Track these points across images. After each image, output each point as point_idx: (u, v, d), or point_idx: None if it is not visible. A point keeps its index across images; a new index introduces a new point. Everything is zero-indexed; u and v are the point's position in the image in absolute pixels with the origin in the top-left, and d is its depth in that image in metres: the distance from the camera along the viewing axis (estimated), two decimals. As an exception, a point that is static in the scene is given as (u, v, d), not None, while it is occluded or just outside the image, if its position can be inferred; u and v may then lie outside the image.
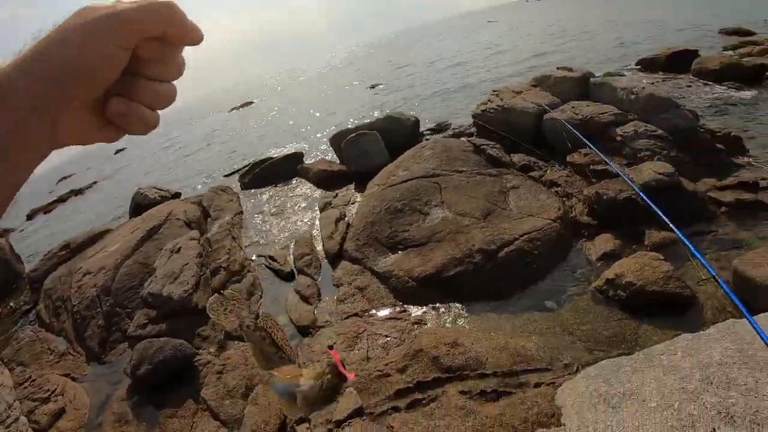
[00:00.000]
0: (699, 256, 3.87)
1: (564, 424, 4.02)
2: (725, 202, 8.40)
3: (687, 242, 3.91)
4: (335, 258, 9.66)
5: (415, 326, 7.35)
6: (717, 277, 3.52)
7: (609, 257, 7.88)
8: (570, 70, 13.90)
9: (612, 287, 7.05)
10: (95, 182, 23.68)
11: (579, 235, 8.79)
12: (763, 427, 3.18)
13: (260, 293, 9.33)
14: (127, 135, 0.80)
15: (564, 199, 9.70)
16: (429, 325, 7.41)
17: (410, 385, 6.04)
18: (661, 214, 4.44)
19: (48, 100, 0.67)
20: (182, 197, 15.59)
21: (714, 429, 3.27)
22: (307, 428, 6.06)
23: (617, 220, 8.54)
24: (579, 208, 9.28)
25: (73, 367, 8.77)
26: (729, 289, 3.28)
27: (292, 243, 10.73)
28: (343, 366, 1.38)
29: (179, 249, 10.49)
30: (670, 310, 6.58)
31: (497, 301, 7.63)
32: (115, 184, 22.24)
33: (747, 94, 13.16)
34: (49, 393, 7.97)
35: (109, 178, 23.71)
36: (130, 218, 14.98)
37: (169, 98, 0.78)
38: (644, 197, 4.46)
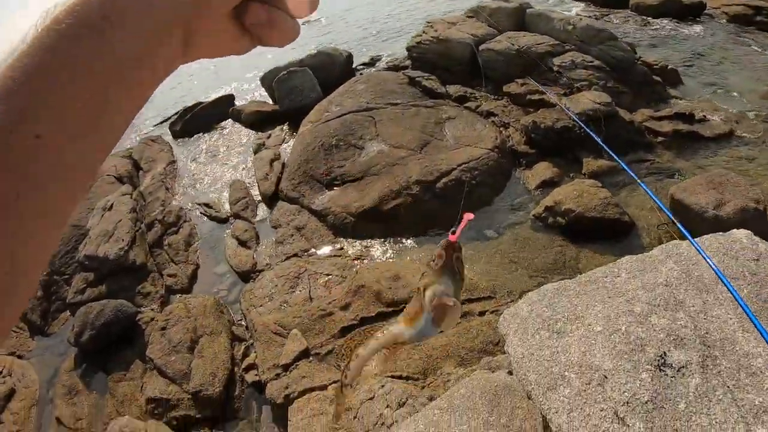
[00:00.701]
0: (644, 186, 3.83)
1: (508, 352, 3.96)
2: (662, 132, 8.58)
3: (630, 170, 3.83)
4: (271, 199, 9.49)
5: (356, 262, 7.32)
6: (661, 205, 3.50)
7: (547, 185, 7.98)
8: (506, 0, 13.54)
9: (551, 214, 7.14)
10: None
11: (517, 164, 8.85)
12: (713, 349, 3.16)
13: (198, 242, 9.10)
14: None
15: (501, 128, 9.66)
16: (370, 260, 7.36)
17: (354, 321, 6.07)
18: (606, 147, 4.39)
19: (191, 12, 0.57)
20: (111, 153, 14.87)
21: (665, 353, 3.22)
22: (256, 374, 6.04)
23: (555, 148, 8.63)
24: (516, 137, 9.28)
25: (17, 345, 8.45)
26: (672, 215, 3.26)
27: (228, 188, 10.44)
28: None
29: (111, 206, 10.09)
30: (610, 236, 6.71)
31: (437, 233, 7.66)
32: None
33: (685, 29, 13.22)
34: (-5, 375, 7.72)
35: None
36: (59, 180, 14.25)
37: (313, 4, 0.69)
38: (591, 133, 4.36)
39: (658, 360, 3.20)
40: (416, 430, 3.65)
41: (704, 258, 3.15)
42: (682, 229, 3.47)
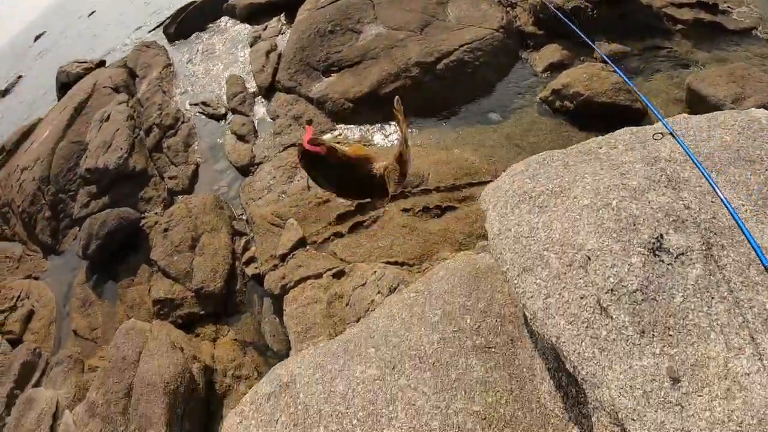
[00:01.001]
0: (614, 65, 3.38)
1: (486, 230, 3.46)
2: (682, 20, 7.89)
3: (601, 53, 3.38)
4: (268, 91, 9.22)
5: (356, 149, 7.07)
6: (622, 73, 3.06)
7: (556, 68, 7.50)
8: None
9: (558, 98, 6.78)
10: (20, 77, 22.13)
11: (524, 45, 8.31)
12: (720, 237, 2.67)
13: (197, 142, 8.97)
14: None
15: (508, 8, 9.01)
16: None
17: (351, 208, 5.95)
18: (584, 36, 3.94)
19: None
20: (107, 65, 14.53)
21: (661, 235, 2.73)
22: (255, 267, 6.03)
23: (565, 30, 7.98)
24: (524, 17, 8.69)
25: (32, 267, 8.68)
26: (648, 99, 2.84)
27: (224, 84, 10.16)
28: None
29: (108, 117, 9.94)
30: (619, 123, 6.25)
31: (438, 116, 7.38)
32: (41, 72, 20.79)
33: None
34: (14, 300, 7.97)
35: (33, 68, 22.25)
36: (58, 101, 14.09)
37: None
38: (567, 21, 3.90)
39: (653, 243, 2.71)
40: (389, 314, 3.45)
41: (678, 142, 2.70)
42: (647, 101, 3.01)
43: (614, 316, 2.50)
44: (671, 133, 2.95)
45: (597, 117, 6.39)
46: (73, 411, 5.84)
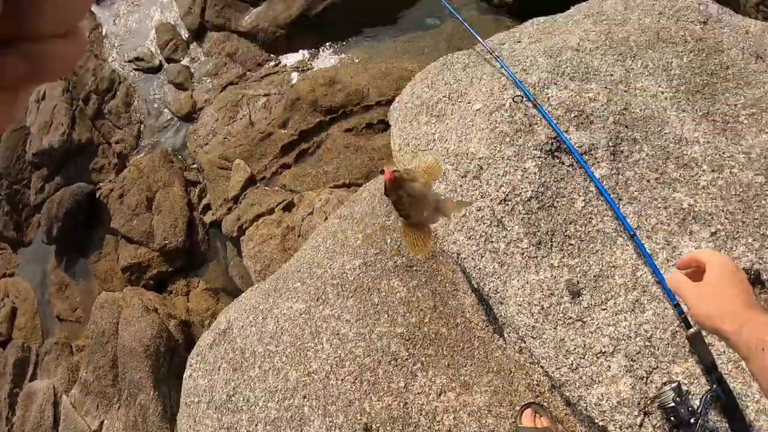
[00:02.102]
0: None
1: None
2: None
3: None
4: (199, 32, 9.11)
5: (293, 76, 7.18)
6: None
7: None
8: None
9: None
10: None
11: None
12: (632, 130, 2.58)
13: (136, 100, 9.09)
14: None
15: None
16: (308, 70, 7.24)
17: (294, 137, 6.14)
18: None
19: None
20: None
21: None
22: (212, 214, 6.27)
23: None
24: None
25: (4, 265, 8.96)
26: None
27: (155, 35, 10.14)
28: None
29: (44, 95, 9.99)
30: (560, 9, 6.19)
31: (374, 28, 7.33)
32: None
33: None
34: (-5, 302, 8.30)
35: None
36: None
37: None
38: None
39: (551, 144, 2.61)
40: (314, 246, 3.54)
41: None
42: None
43: (509, 228, 2.49)
44: None
45: (538, 5, 6.33)
46: (69, 394, 6.25)
